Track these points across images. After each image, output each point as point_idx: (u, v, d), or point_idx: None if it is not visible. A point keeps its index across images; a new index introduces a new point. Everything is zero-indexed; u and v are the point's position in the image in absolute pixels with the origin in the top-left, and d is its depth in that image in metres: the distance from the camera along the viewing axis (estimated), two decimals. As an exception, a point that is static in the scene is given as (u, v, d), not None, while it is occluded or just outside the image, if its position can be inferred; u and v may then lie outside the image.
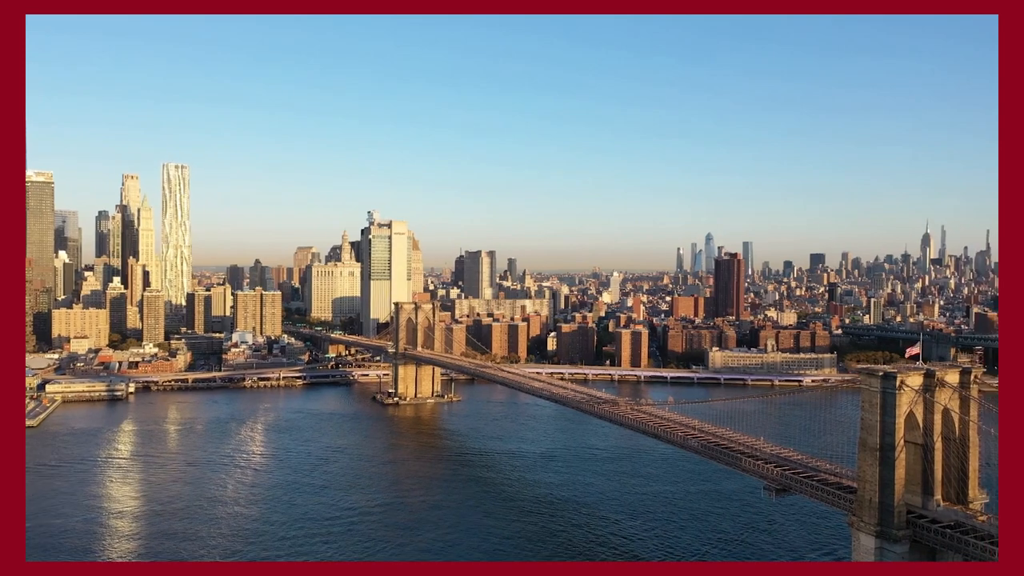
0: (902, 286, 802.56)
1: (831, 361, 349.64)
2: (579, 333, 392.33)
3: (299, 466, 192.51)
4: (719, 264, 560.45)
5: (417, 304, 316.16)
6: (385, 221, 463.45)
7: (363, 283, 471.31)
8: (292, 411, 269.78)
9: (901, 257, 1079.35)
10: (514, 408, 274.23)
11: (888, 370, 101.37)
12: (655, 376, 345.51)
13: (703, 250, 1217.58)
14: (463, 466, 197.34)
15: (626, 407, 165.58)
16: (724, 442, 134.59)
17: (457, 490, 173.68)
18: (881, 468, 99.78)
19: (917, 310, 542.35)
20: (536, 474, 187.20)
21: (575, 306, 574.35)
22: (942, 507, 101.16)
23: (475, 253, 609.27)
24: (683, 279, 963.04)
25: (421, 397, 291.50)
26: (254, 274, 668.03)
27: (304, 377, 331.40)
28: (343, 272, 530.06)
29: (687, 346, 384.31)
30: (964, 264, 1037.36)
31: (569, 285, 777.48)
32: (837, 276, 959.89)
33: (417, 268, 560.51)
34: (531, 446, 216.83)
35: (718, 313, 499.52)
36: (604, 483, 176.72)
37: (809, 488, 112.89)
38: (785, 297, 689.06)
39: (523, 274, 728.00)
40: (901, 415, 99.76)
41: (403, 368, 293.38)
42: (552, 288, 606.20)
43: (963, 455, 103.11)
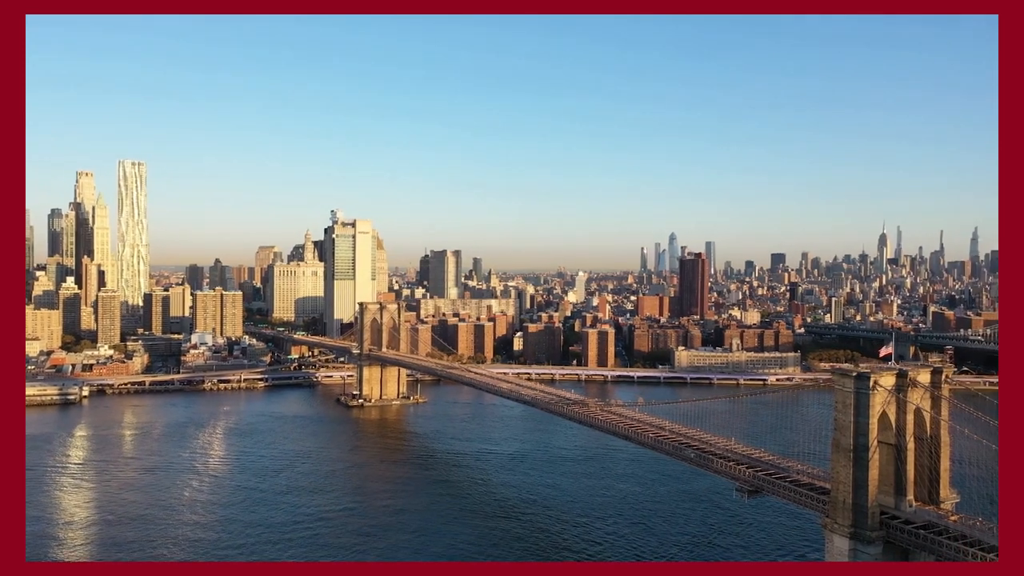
0: (861, 285, 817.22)
1: (795, 360, 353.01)
2: (546, 333, 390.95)
3: (261, 471, 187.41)
4: (683, 264, 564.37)
5: (382, 304, 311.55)
6: (349, 220, 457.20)
7: (327, 283, 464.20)
8: (253, 414, 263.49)
9: (859, 257, 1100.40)
10: (481, 409, 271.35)
11: (862, 370, 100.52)
12: (622, 376, 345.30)
13: (667, 250, 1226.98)
14: (429, 469, 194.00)
15: (596, 408, 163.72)
16: (695, 443, 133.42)
17: (423, 494, 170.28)
18: (855, 469, 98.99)
19: (876, 309, 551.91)
20: (504, 476, 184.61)
21: (541, 306, 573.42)
22: (914, 507, 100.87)
23: (440, 252, 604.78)
24: (647, 279, 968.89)
25: (386, 399, 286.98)
26: (214, 274, 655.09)
27: (266, 379, 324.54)
28: (306, 272, 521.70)
29: (653, 346, 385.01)
30: (919, 264, 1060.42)
31: (534, 285, 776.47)
32: (798, 276, 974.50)
33: (382, 268, 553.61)
34: (499, 448, 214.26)
35: (683, 312, 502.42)
36: (573, 485, 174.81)
37: (781, 489, 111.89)
38: (748, 296, 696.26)
39: (489, 274, 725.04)
40: (874, 415, 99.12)
41: (368, 369, 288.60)
42: (518, 288, 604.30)
43: (934, 455, 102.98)
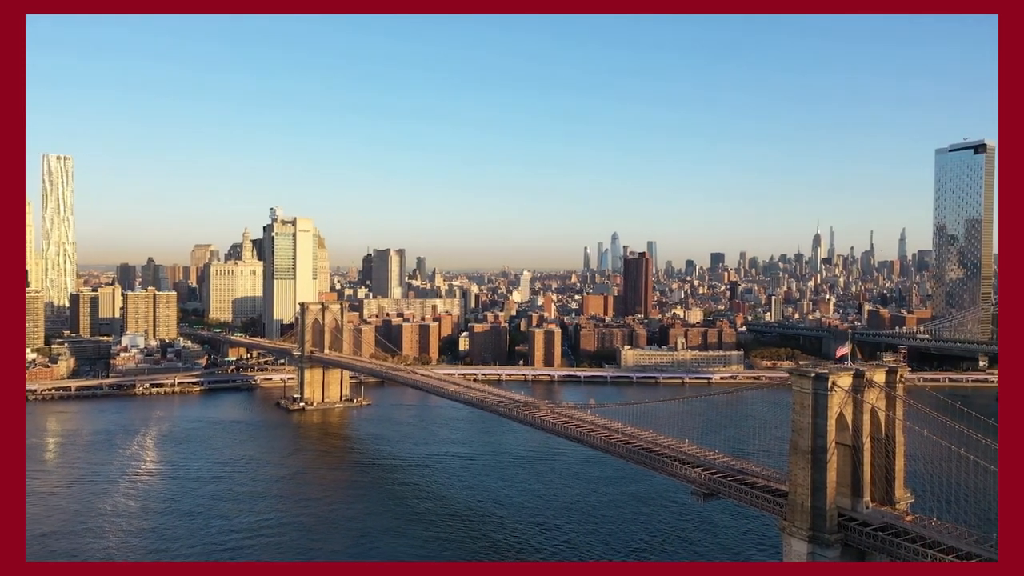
0: (797, 284, 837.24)
1: (739, 358, 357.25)
2: (492, 333, 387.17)
3: (196, 480, 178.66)
4: (628, 263, 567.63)
5: (324, 304, 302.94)
6: (289, 218, 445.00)
7: (266, 283, 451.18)
8: (188, 419, 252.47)
9: (794, 257, 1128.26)
10: (427, 411, 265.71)
11: (820, 371, 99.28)
12: (569, 376, 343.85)
13: (609, 249, 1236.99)
14: (375, 474, 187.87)
15: (547, 410, 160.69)
16: (649, 446, 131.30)
17: (368, 500, 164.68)
18: (813, 471, 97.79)
19: (813, 308, 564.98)
20: (452, 481, 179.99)
21: (486, 305, 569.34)
22: (871, 509, 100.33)
23: (384, 251, 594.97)
24: (591, 278, 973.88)
25: (329, 402, 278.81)
26: (147, 273, 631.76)
27: (201, 382, 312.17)
28: (244, 271, 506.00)
29: (599, 345, 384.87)
30: (851, 264, 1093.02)
31: (479, 284, 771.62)
32: (736, 275, 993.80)
33: (323, 267, 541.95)
34: (446, 451, 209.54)
35: (627, 311, 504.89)
36: (524, 488, 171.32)
37: (738, 492, 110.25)
38: (690, 296, 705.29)
39: (433, 273, 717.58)
40: (832, 416, 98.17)
41: (309, 372, 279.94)
42: (463, 287, 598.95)
43: (890, 455, 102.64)
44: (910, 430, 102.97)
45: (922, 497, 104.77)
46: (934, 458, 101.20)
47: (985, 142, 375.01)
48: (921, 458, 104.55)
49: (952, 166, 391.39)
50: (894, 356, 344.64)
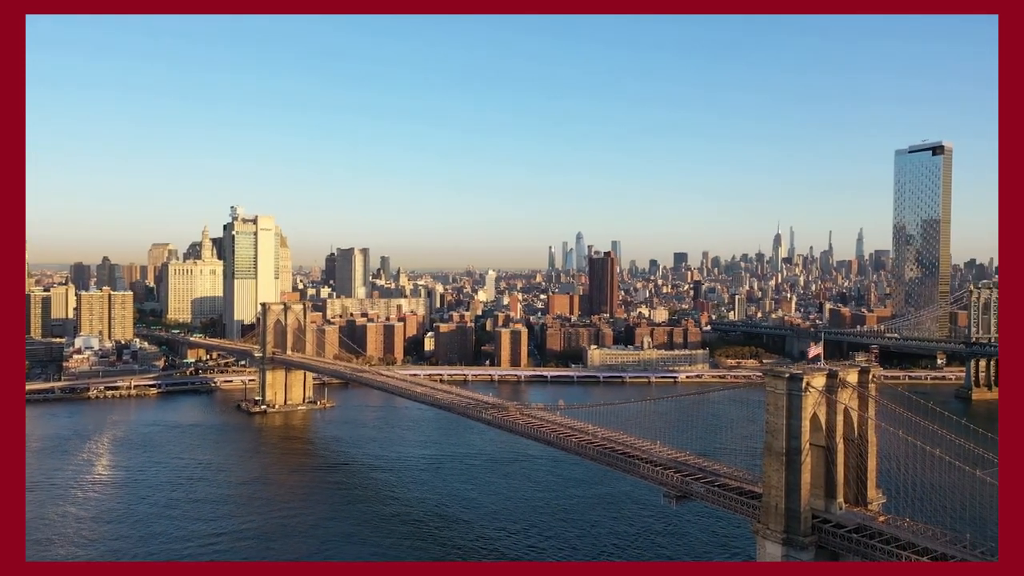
0: (759, 283, 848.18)
1: (704, 357, 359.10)
2: (457, 333, 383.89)
3: (154, 487, 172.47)
4: (593, 262, 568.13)
5: (286, 304, 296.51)
6: (250, 216, 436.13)
7: (226, 282, 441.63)
8: (145, 424, 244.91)
9: (756, 256, 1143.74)
10: (392, 413, 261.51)
11: (794, 372, 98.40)
12: (535, 376, 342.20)
13: (574, 249, 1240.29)
14: (340, 478, 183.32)
15: (516, 412, 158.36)
16: (621, 447, 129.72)
17: (331, 506, 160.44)
18: (787, 473, 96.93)
19: (776, 307, 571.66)
20: (418, 484, 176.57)
21: (451, 305, 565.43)
22: (844, 510, 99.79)
23: (347, 251, 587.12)
24: (556, 277, 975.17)
25: (291, 404, 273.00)
26: (102, 273, 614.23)
27: (159, 385, 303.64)
28: (204, 271, 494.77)
29: (565, 344, 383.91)
30: (811, 263, 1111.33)
31: (443, 284, 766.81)
32: (699, 274, 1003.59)
33: (285, 266, 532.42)
34: (413, 453, 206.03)
35: (593, 311, 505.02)
36: (492, 492, 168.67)
37: (711, 495, 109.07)
38: (654, 295, 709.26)
39: (397, 273, 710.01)
40: (806, 417, 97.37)
41: (271, 373, 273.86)
42: (427, 287, 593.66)
43: (862, 455, 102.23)
44: (882, 429, 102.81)
45: (895, 497, 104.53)
46: (904, 457, 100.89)
47: (943, 144, 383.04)
48: (892, 457, 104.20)
49: (911, 167, 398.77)
50: (866, 356, 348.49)
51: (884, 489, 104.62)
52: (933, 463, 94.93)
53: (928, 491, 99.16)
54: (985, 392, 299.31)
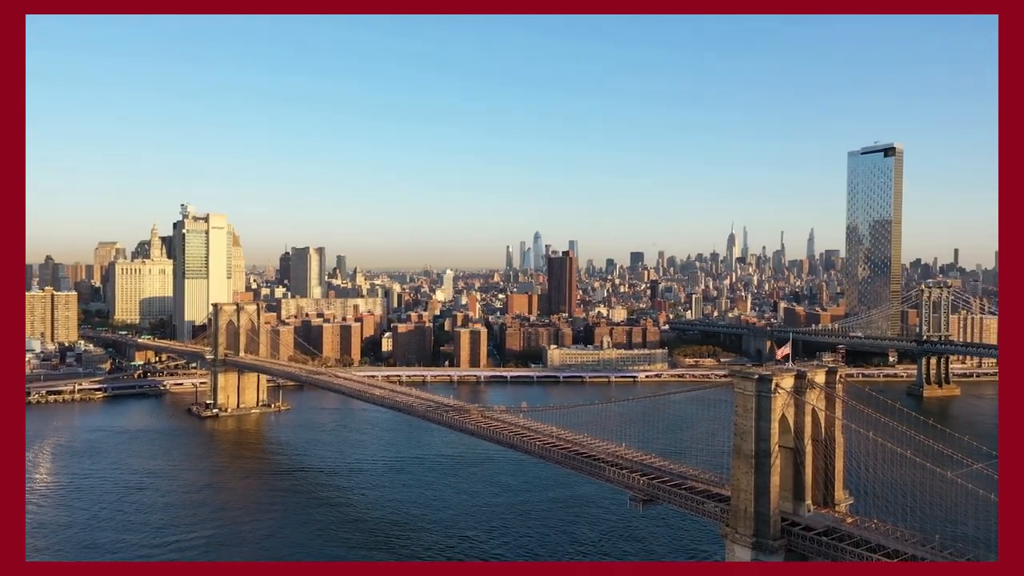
0: (714, 282, 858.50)
1: (663, 356, 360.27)
2: (416, 333, 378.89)
3: (100, 497, 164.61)
4: (552, 262, 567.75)
5: (239, 305, 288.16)
6: (201, 214, 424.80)
7: (176, 282, 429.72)
8: (90, 429, 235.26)
9: (710, 256, 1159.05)
10: (349, 415, 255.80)
11: (763, 372, 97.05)
12: (495, 376, 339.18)
13: (532, 248, 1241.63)
14: (297, 485, 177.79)
15: (477, 414, 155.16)
16: (585, 450, 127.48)
17: (291, 513, 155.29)
18: (756, 476, 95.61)
19: (731, 305, 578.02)
20: (379, 489, 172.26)
21: (409, 305, 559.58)
22: (812, 512, 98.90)
23: (302, 250, 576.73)
24: (514, 277, 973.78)
25: (244, 407, 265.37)
26: (45, 272, 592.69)
27: (105, 389, 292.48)
28: (153, 270, 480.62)
29: (525, 344, 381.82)
30: (764, 263, 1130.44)
31: (401, 283, 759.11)
32: (656, 273, 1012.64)
33: (238, 265, 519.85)
34: (372, 457, 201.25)
35: (552, 310, 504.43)
36: (455, 496, 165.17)
37: (678, 498, 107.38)
38: (612, 294, 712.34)
39: (354, 272, 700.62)
40: (775, 419, 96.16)
41: (223, 376, 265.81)
42: (385, 287, 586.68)
43: (829, 456, 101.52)
44: (849, 429, 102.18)
45: (862, 497, 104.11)
46: (869, 457, 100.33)
47: (895, 145, 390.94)
48: (857, 457, 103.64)
49: (864, 168, 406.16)
50: (832, 356, 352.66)
51: (850, 490, 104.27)
52: (899, 462, 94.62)
53: (895, 491, 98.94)
54: (936, 389, 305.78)
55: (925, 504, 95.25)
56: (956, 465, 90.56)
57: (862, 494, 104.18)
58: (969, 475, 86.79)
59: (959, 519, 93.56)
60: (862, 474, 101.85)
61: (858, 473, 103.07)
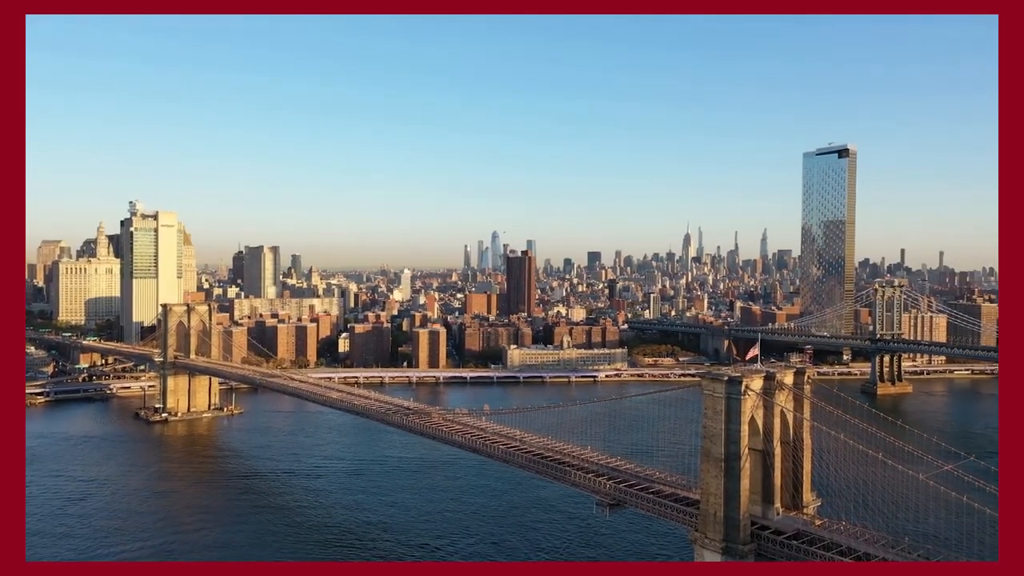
0: (670, 282, 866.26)
1: (623, 356, 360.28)
2: (373, 333, 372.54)
3: (42, 508, 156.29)
4: (511, 261, 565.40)
5: (189, 305, 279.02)
6: (150, 212, 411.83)
7: (124, 282, 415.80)
8: (31, 436, 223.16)
9: (666, 256, 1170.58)
10: (305, 418, 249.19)
11: (733, 374, 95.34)
12: (454, 377, 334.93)
13: (490, 247, 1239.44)
14: (252, 492, 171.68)
15: (439, 418, 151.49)
16: (550, 453, 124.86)
17: (247, 522, 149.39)
18: (726, 480, 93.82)
19: (688, 305, 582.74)
20: (338, 495, 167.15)
21: (366, 305, 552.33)
22: (781, 515, 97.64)
23: (256, 249, 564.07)
24: (472, 276, 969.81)
25: (196, 411, 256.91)
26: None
27: (47, 393, 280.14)
28: (99, 269, 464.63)
29: (484, 344, 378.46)
30: (718, 262, 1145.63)
31: (357, 283, 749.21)
32: (613, 273, 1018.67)
33: (189, 265, 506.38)
34: (330, 462, 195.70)
35: (511, 310, 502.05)
36: (418, 500, 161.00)
37: (646, 503, 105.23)
38: (571, 294, 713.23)
39: (309, 271, 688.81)
40: (745, 421, 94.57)
41: (173, 379, 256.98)
42: (341, 286, 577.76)
43: (798, 458, 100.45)
44: (816, 430, 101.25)
45: (830, 499, 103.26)
46: (838, 458, 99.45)
47: (848, 147, 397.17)
48: (825, 458, 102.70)
49: (818, 169, 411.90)
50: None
51: (817, 492, 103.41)
52: (867, 463, 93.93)
53: (863, 492, 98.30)
54: (889, 387, 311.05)
55: (893, 505, 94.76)
56: (926, 466, 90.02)
57: (830, 495, 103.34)
58: (940, 476, 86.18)
59: (927, 519, 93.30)
60: (830, 475, 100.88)
61: (826, 474, 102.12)
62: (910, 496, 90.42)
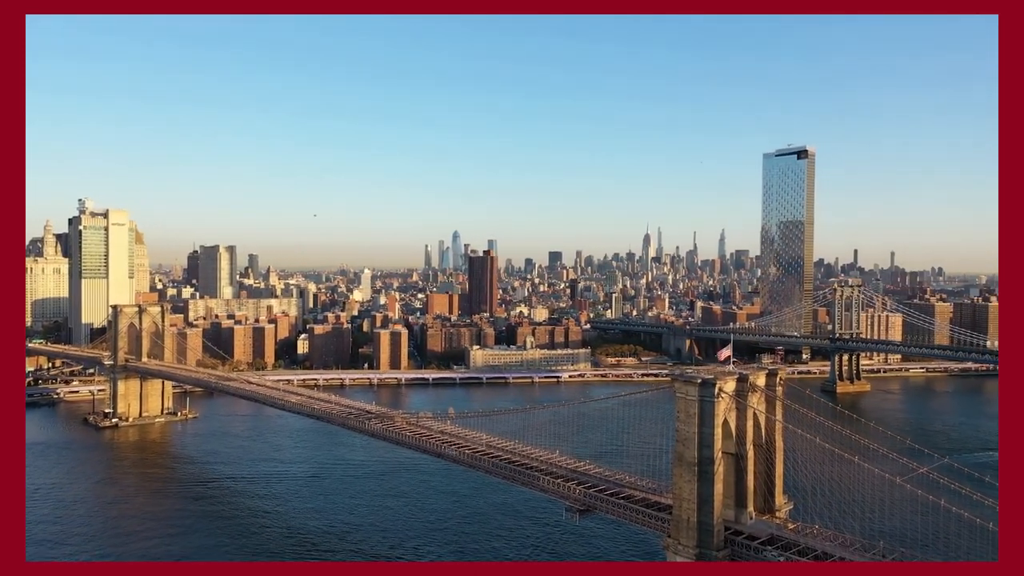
0: (631, 282, 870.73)
1: (586, 356, 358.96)
2: (333, 335, 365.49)
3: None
4: (472, 261, 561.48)
5: (141, 306, 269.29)
6: (100, 210, 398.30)
7: (72, 282, 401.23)
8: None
9: (626, 256, 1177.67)
10: (263, 422, 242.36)
11: (706, 376, 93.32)
12: (417, 378, 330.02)
13: (450, 247, 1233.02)
14: (207, 501, 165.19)
15: (402, 422, 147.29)
16: (518, 458, 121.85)
17: (201, 533, 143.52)
18: (699, 484, 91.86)
19: (650, 304, 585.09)
20: (299, 503, 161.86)
21: (325, 305, 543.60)
22: (754, 520, 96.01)
23: (212, 248, 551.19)
24: (433, 276, 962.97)
25: (148, 416, 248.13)
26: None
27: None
28: (46, 269, 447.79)
29: (447, 345, 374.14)
30: (678, 262, 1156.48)
31: (316, 283, 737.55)
32: (574, 273, 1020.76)
33: (142, 264, 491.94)
34: (290, 468, 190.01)
35: (473, 310, 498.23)
36: (382, 507, 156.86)
37: (617, 508, 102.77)
38: (533, 293, 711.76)
39: (267, 271, 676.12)
40: (718, 424, 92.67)
41: (124, 383, 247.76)
42: (300, 286, 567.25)
43: (770, 461, 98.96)
44: (787, 431, 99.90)
45: (801, 500, 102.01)
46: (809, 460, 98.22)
47: (807, 148, 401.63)
48: (795, 460, 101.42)
49: (777, 170, 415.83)
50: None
51: (789, 496, 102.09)
52: (837, 464, 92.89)
53: (834, 494, 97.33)
54: (848, 385, 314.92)
55: (867, 506, 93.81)
56: (895, 466, 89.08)
57: (802, 497, 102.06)
58: (915, 478, 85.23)
59: (902, 521, 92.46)
60: (802, 477, 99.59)
61: (798, 476, 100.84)
62: (883, 498, 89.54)
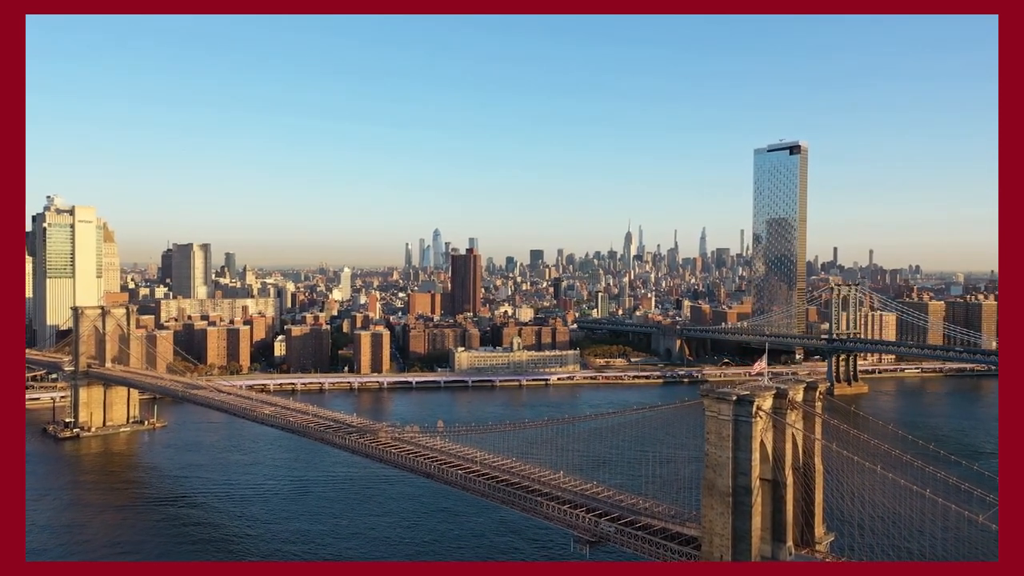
0: (614, 280, 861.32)
1: (575, 357, 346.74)
2: (312, 336, 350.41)
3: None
4: (455, 260, 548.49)
5: (104, 308, 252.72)
6: (67, 207, 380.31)
7: (36, 282, 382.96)
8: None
9: (608, 254, 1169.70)
10: (238, 431, 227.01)
11: (742, 393, 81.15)
12: (399, 382, 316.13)
13: (431, 246, 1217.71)
14: (176, 520, 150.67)
15: (387, 437, 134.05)
16: (517, 479, 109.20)
17: (170, 555, 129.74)
18: (734, 517, 79.78)
19: (636, 303, 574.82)
20: (276, 524, 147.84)
21: (304, 305, 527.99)
22: (794, 555, 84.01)
23: (186, 246, 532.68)
24: (414, 275, 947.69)
25: (112, 425, 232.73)
26: None
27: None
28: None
29: (430, 347, 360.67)
30: (660, 260, 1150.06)
31: (295, 282, 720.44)
32: (556, 271, 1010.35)
33: (112, 263, 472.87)
34: (267, 483, 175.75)
35: (456, 310, 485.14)
36: (369, 524, 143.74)
37: (634, 540, 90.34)
38: (516, 292, 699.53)
39: (244, 270, 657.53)
40: (755, 448, 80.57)
41: (86, 390, 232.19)
42: (277, 286, 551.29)
43: (808, 487, 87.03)
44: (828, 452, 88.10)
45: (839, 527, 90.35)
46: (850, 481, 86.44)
47: (799, 143, 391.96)
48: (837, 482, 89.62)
49: (769, 166, 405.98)
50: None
51: (828, 525, 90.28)
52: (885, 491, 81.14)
53: (882, 524, 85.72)
54: (845, 387, 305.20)
55: (922, 540, 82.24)
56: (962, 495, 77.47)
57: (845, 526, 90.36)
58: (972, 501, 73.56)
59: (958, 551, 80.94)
60: (844, 503, 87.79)
61: (839, 503, 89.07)
62: (941, 528, 77.90)
